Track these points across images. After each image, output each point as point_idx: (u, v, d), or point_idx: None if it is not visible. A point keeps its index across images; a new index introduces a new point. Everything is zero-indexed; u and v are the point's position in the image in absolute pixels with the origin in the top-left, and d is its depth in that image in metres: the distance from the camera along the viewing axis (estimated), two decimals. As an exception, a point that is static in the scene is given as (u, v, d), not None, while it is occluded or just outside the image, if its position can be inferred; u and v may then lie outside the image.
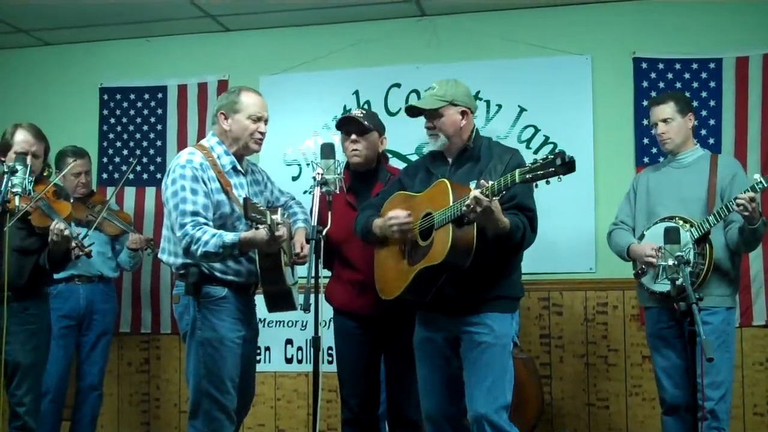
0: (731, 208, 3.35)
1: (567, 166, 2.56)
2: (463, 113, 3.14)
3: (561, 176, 2.60)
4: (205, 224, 3.11)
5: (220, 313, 3.19)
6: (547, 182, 2.64)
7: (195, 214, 3.10)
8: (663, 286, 3.41)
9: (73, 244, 3.58)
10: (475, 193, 2.71)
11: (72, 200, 4.31)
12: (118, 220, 4.52)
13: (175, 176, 3.16)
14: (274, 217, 2.99)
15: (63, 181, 4.26)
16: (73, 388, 4.48)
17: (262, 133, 3.30)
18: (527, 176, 2.64)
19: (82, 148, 4.58)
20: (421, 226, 3.03)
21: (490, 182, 2.73)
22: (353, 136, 3.50)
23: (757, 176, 3.31)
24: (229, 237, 3.06)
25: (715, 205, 3.52)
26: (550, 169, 2.58)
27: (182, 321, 3.25)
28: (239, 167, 3.32)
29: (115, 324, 4.76)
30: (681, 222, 3.47)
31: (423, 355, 3.20)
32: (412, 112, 3.24)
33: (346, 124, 3.54)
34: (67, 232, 3.42)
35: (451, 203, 2.86)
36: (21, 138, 3.59)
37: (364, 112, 3.59)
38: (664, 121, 3.67)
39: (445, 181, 2.98)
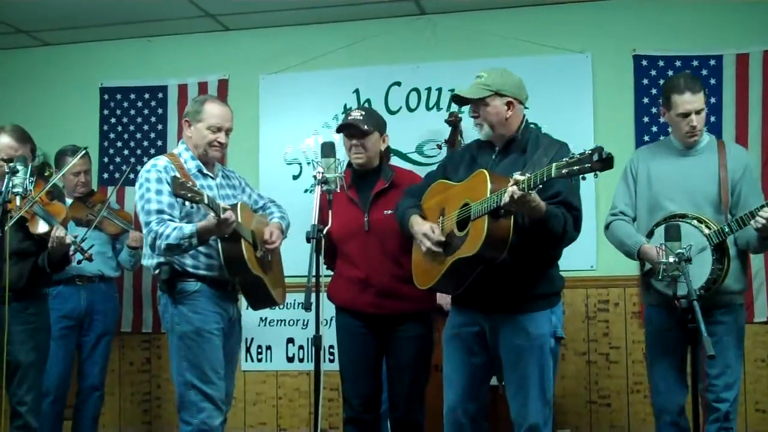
0: (746, 222, 3.20)
1: (604, 162, 2.48)
2: (509, 104, 3.08)
3: (598, 172, 2.51)
4: (170, 220, 3.21)
5: (195, 307, 3.28)
6: (583, 178, 2.57)
7: (160, 212, 3.22)
8: (678, 288, 3.15)
9: (74, 249, 3.58)
10: (512, 189, 2.65)
11: (72, 200, 4.32)
12: (119, 219, 4.52)
13: (141, 181, 3.30)
14: (223, 205, 3.11)
15: (62, 181, 4.25)
16: (74, 388, 4.48)
17: (221, 143, 3.39)
18: (563, 171, 2.55)
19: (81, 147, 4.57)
20: (459, 216, 2.99)
21: (527, 175, 2.66)
22: (354, 140, 3.50)
23: None
24: (188, 228, 3.17)
25: (729, 200, 3.38)
26: (587, 165, 2.50)
27: (164, 319, 3.35)
28: (205, 171, 3.41)
29: (117, 324, 4.76)
30: (696, 221, 3.32)
31: (451, 349, 3.18)
32: (459, 100, 3.17)
33: (346, 129, 3.53)
34: (67, 240, 3.45)
35: (488, 194, 2.80)
36: (4, 143, 3.55)
37: (363, 112, 3.55)
38: (698, 112, 3.38)
39: (484, 171, 2.92)
